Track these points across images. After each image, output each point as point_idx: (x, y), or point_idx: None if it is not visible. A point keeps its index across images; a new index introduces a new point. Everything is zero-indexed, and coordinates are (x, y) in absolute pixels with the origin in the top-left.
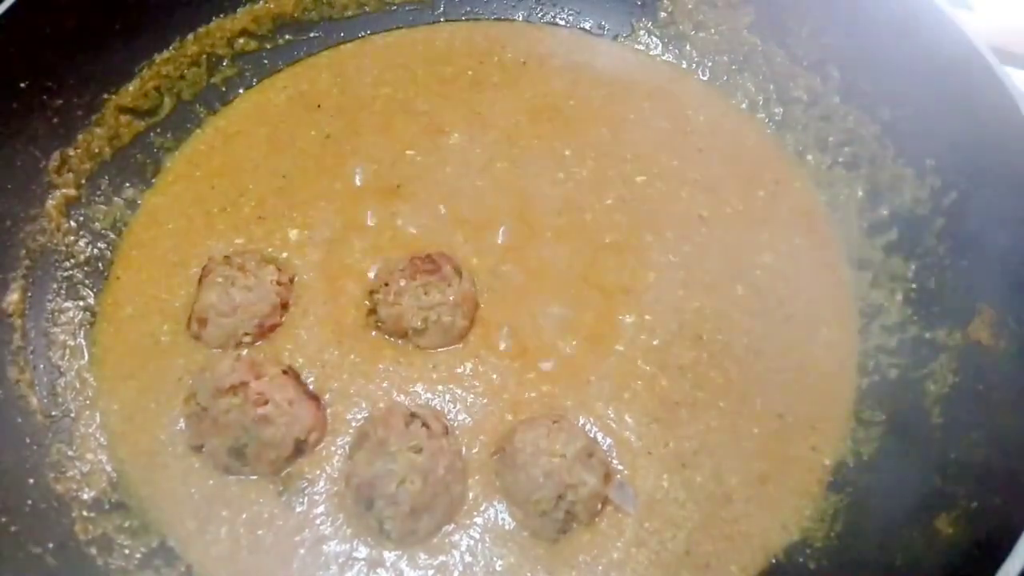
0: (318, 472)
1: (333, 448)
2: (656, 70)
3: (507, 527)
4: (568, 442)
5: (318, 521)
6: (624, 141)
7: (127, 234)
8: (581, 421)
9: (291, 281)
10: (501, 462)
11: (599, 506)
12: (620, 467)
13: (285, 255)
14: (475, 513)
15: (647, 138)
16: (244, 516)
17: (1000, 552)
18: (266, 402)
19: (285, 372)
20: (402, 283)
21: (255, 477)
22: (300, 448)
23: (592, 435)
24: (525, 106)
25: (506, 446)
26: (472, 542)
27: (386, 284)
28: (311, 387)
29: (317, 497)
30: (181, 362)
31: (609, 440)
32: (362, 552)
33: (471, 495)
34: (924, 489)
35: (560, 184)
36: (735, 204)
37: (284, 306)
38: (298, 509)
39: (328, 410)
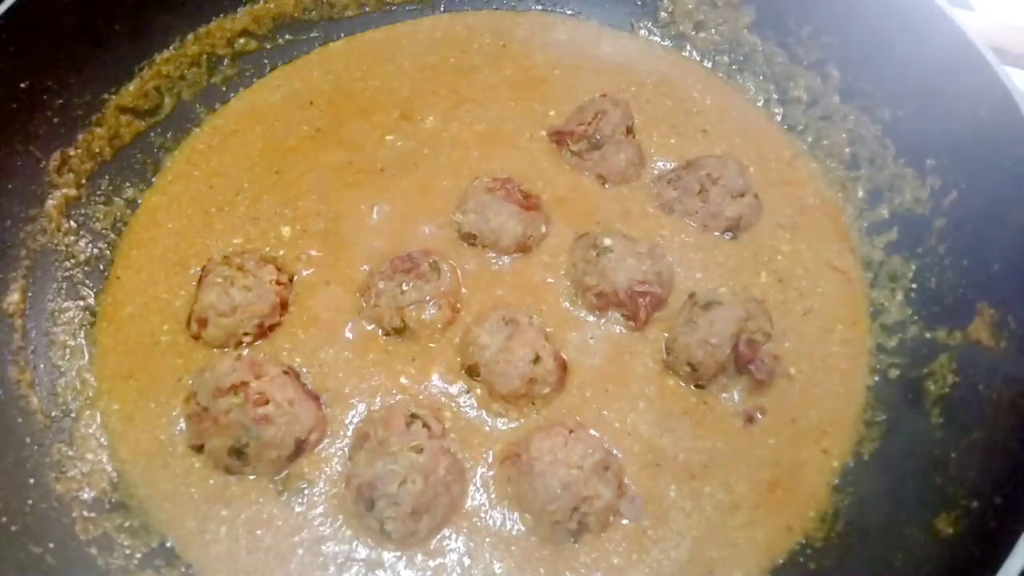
0: (317, 473)
1: (332, 449)
2: (655, 54)
3: (508, 530)
4: (586, 454)
5: (317, 522)
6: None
7: (127, 234)
8: (579, 419)
9: (291, 280)
10: (515, 468)
11: (611, 518)
12: (627, 481)
13: (283, 252)
14: (475, 515)
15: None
16: (244, 516)
17: (1000, 551)
18: (267, 402)
19: (286, 372)
20: (381, 285)
21: (254, 477)
22: (301, 448)
23: (604, 444)
24: (506, 81)
25: (521, 453)
26: (472, 545)
27: (368, 287)
28: (310, 387)
29: (316, 498)
30: (181, 362)
31: (617, 450)
32: (361, 553)
33: (470, 496)
34: (924, 489)
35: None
36: None
37: (284, 305)
38: (297, 509)
39: (327, 410)
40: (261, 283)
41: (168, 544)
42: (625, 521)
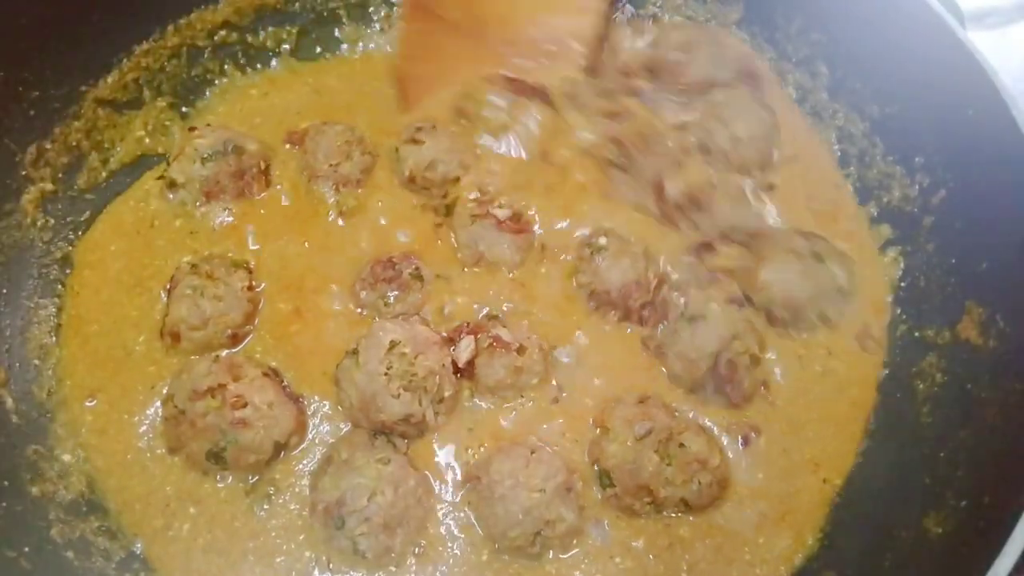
0: (288, 481)
1: (306, 461)
2: None
3: (477, 549)
4: (548, 476)
5: (274, 533)
6: None
7: (79, 248)
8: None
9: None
10: (475, 492)
11: (574, 541)
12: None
13: (250, 259)
14: (444, 533)
15: None
16: (208, 515)
17: (990, 551)
18: (244, 405)
19: (266, 374)
20: (363, 295)
21: (231, 478)
22: (280, 451)
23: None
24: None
25: (481, 475)
26: (441, 567)
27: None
28: (291, 389)
29: (279, 508)
30: (154, 369)
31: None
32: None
33: (440, 513)
34: (913, 488)
35: None
36: None
37: (256, 310)
38: (259, 515)
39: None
40: (232, 291)
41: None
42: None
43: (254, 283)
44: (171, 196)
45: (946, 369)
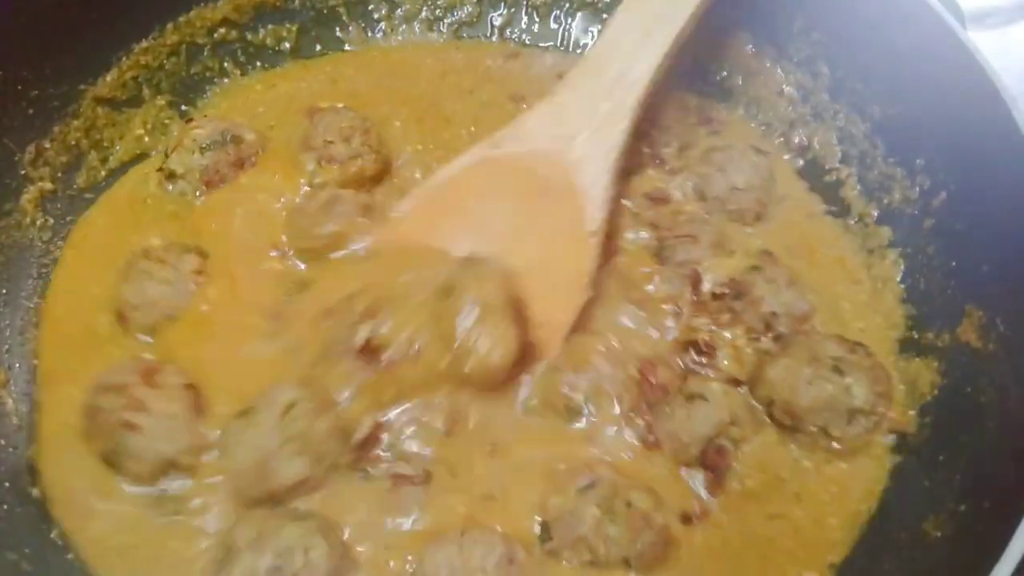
0: (195, 504)
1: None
2: None
3: None
4: (486, 554)
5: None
6: None
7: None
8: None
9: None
10: None
11: None
12: None
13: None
14: None
15: None
16: (118, 515)
17: (989, 556)
18: (139, 409)
19: (188, 386)
20: None
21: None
22: (173, 466)
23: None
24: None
25: (416, 573)
26: None
27: None
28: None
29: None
30: (119, 351)
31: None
32: None
33: None
34: (912, 491)
35: None
36: None
37: (202, 295)
38: (159, 524)
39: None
40: (180, 275)
41: None
42: None
43: (206, 268)
44: (170, 187)
45: (945, 372)
